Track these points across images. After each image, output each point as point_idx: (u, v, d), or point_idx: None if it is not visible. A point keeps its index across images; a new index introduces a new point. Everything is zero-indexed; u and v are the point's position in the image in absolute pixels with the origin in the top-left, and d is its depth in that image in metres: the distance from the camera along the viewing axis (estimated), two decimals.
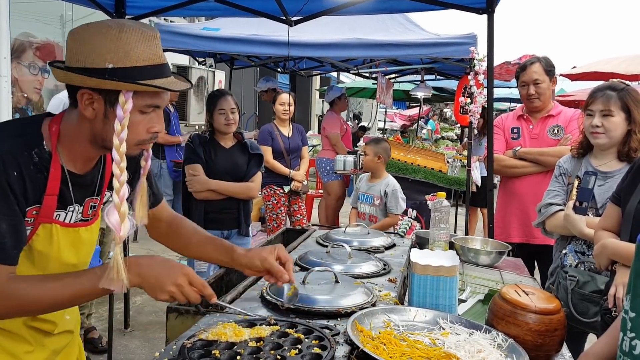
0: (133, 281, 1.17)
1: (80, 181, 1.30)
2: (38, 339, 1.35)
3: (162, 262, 1.24)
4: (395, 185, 3.81)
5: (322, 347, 1.31)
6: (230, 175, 3.01)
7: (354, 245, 2.50)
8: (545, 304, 1.48)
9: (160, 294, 1.19)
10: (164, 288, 1.18)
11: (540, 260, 3.22)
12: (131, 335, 3.66)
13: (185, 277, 1.22)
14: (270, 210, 4.75)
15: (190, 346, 1.34)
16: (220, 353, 1.29)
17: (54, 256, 1.28)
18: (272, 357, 1.26)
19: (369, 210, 3.89)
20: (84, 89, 1.16)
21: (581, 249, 2.23)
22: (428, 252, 1.75)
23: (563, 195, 2.36)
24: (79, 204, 1.31)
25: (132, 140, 1.20)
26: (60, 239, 1.28)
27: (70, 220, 1.30)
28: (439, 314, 1.62)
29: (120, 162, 1.15)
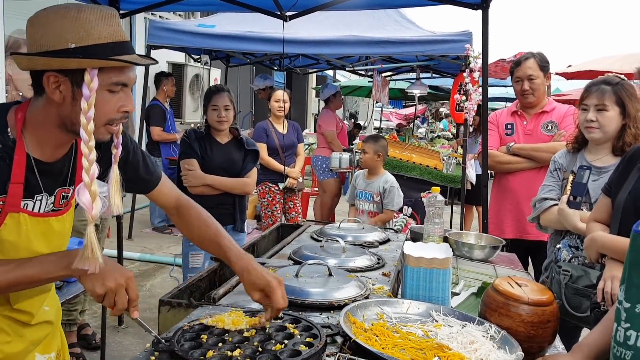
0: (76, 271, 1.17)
1: (49, 169, 1.27)
2: (16, 329, 1.34)
3: (111, 262, 1.24)
4: (394, 182, 3.81)
5: (309, 344, 1.30)
6: (226, 171, 3.00)
7: (349, 240, 2.50)
8: (538, 295, 1.48)
9: (99, 287, 1.17)
10: (104, 282, 1.17)
11: (534, 256, 3.23)
12: (125, 332, 3.64)
13: (126, 281, 1.20)
14: (265, 208, 4.74)
15: (187, 329, 1.34)
16: (207, 338, 1.30)
17: (24, 246, 1.26)
18: (253, 349, 1.26)
19: (368, 207, 3.88)
20: (49, 72, 1.16)
21: (575, 244, 2.23)
22: (421, 245, 1.74)
23: (558, 190, 2.37)
24: (48, 193, 1.29)
25: (101, 120, 1.19)
26: (29, 229, 1.26)
27: (40, 209, 1.28)
28: (432, 306, 1.61)
29: (88, 140, 1.13)
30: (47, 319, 1.45)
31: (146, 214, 6.72)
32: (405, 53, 5.25)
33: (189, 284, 1.86)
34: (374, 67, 6.06)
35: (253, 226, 6.17)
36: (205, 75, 6.08)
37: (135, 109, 1.29)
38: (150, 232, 6.25)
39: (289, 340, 1.32)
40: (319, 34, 4.72)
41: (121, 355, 3.27)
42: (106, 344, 3.08)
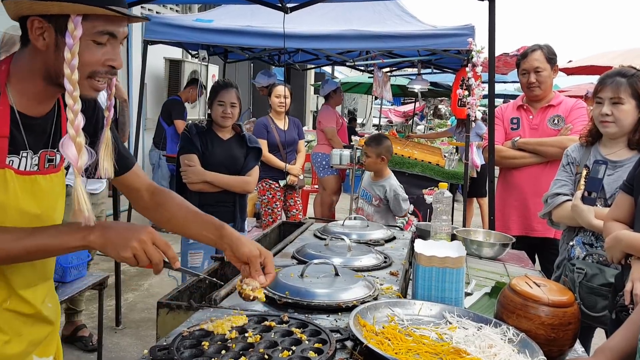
0: (96, 241, 1.13)
1: (33, 125, 1.22)
2: (15, 327, 1.26)
3: (127, 223, 1.22)
4: (397, 187, 3.70)
5: (318, 351, 1.22)
6: (227, 168, 2.91)
7: (353, 238, 2.42)
8: (558, 296, 1.40)
9: (123, 251, 1.12)
10: (127, 244, 1.12)
11: (540, 253, 3.16)
12: (123, 332, 3.56)
13: (149, 235, 1.15)
14: (265, 205, 4.66)
15: (187, 335, 1.26)
16: (209, 345, 1.22)
17: (12, 205, 1.20)
18: (259, 356, 1.18)
19: (367, 209, 3.80)
20: (33, 16, 1.12)
21: (589, 241, 2.15)
22: (433, 243, 1.67)
23: (570, 185, 2.29)
24: (33, 151, 1.23)
25: (85, 71, 1.14)
26: (17, 186, 1.20)
27: (26, 167, 1.22)
28: (445, 307, 1.53)
29: (72, 91, 1.10)
30: (48, 317, 1.37)
31: None
32: (406, 47, 5.16)
33: (189, 285, 1.78)
34: (374, 62, 5.97)
35: (252, 224, 6.09)
36: (203, 72, 5.99)
37: (129, 102, 1.22)
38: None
39: (297, 346, 1.24)
40: (319, 29, 4.63)
41: (119, 357, 3.19)
42: (103, 346, 3.00)
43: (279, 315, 1.44)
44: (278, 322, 1.39)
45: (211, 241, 1.44)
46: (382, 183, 3.71)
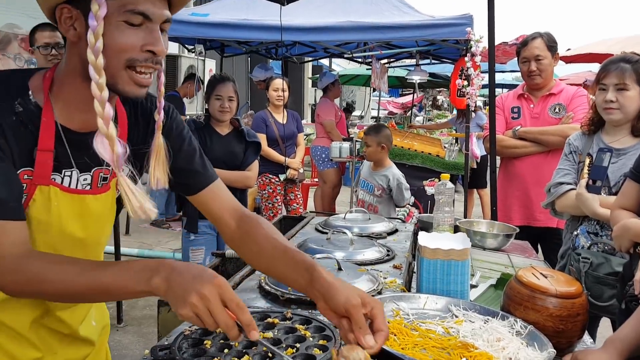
0: (160, 287, 0.90)
1: (80, 140, 1.08)
2: (49, 344, 1.15)
3: (196, 268, 0.93)
4: (400, 177, 3.68)
5: (323, 347, 1.20)
6: (226, 164, 2.88)
7: (355, 232, 2.40)
8: (565, 287, 1.38)
9: (182, 307, 0.87)
10: (185, 298, 0.86)
11: (543, 243, 3.14)
12: (124, 330, 3.54)
13: (215, 289, 0.87)
14: (265, 200, 4.63)
15: (188, 334, 1.24)
16: (212, 344, 1.19)
17: (55, 225, 1.09)
18: (262, 354, 1.15)
19: (368, 199, 3.77)
20: (61, 4, 1.01)
21: (594, 230, 2.13)
22: (437, 235, 1.64)
23: (573, 174, 2.26)
24: (81, 170, 1.11)
25: (120, 59, 0.99)
26: (60, 205, 1.09)
27: (75, 186, 1.12)
28: (451, 300, 1.51)
29: (97, 78, 0.95)
30: (89, 337, 1.25)
31: None
32: (404, 38, 5.11)
33: None
34: (372, 54, 5.93)
35: None
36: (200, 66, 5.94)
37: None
38: (149, 227, 6.14)
39: (301, 343, 1.22)
40: (316, 21, 4.59)
41: (121, 355, 3.17)
42: None
43: (282, 311, 1.41)
44: (281, 318, 1.36)
45: (300, 287, 1.11)
46: (385, 172, 3.68)
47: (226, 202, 1.28)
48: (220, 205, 1.26)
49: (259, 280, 1.69)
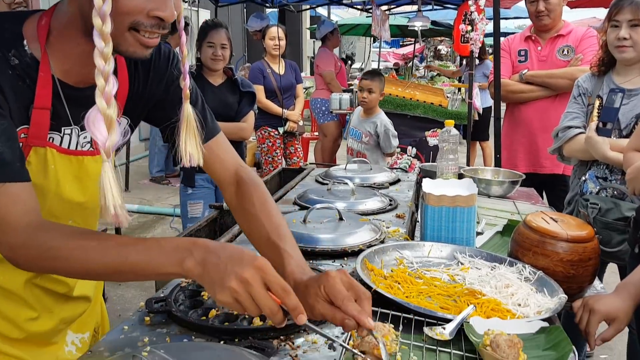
0: (194, 271, 0.82)
1: (79, 96, 0.99)
2: (45, 303, 1.10)
3: (233, 249, 0.84)
4: (387, 123, 3.62)
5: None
6: (220, 115, 2.76)
7: (357, 182, 2.34)
8: (577, 231, 1.32)
9: (220, 293, 0.79)
10: (224, 283, 0.79)
11: (549, 191, 3.09)
12: (127, 285, 3.54)
13: (257, 272, 0.79)
14: (265, 154, 4.56)
15: (185, 286, 1.20)
16: (209, 296, 1.15)
17: (52, 190, 1.02)
18: None
19: (356, 147, 3.71)
20: None
21: (603, 175, 2.06)
22: (442, 182, 1.57)
23: (583, 117, 2.17)
24: (81, 128, 1.02)
25: (124, 21, 0.88)
26: (57, 168, 1.01)
27: (70, 146, 1.03)
28: (456, 247, 1.46)
29: (103, 46, 0.82)
30: (85, 294, 1.20)
31: (143, 164, 6.55)
32: None
33: (188, 233, 1.70)
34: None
35: None
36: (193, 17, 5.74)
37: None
38: (148, 183, 6.10)
39: None
40: None
41: (124, 309, 3.18)
42: (108, 298, 2.98)
43: None
44: None
45: None
46: (373, 119, 3.61)
47: (227, 161, 1.17)
48: (220, 166, 1.16)
49: None
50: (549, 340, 0.99)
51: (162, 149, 5.94)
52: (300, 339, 1.02)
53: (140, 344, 0.99)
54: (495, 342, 0.91)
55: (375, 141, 3.62)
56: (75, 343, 1.17)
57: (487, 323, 1.02)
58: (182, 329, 1.04)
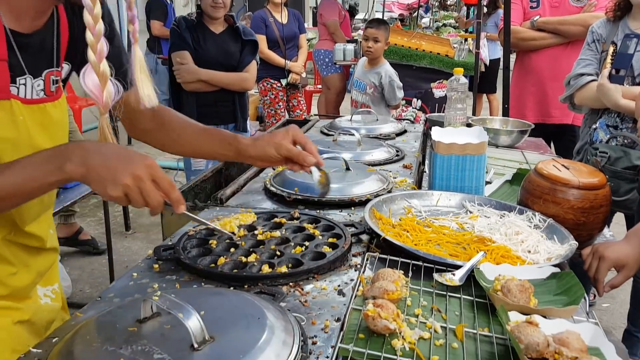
0: (76, 171, 0.85)
1: (29, 43, 0.99)
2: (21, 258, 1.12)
3: (118, 149, 0.90)
4: (392, 74, 3.53)
5: (333, 245, 1.15)
6: (222, 64, 2.72)
7: (363, 133, 2.31)
8: (588, 178, 1.30)
9: (112, 189, 0.84)
10: (117, 179, 0.84)
11: (557, 141, 3.05)
12: (133, 237, 3.58)
13: (147, 170, 0.86)
14: (268, 106, 4.50)
15: (193, 234, 1.19)
16: (217, 244, 1.16)
17: (24, 141, 1.00)
18: (271, 252, 1.11)
19: (361, 99, 3.64)
20: None
21: (614, 123, 2.02)
22: (451, 130, 1.54)
23: (596, 65, 2.11)
24: (33, 75, 1.02)
25: None
26: (26, 119, 1.00)
27: (26, 95, 1.02)
28: (465, 196, 1.45)
29: (92, 7, 0.82)
30: (54, 245, 1.22)
31: None
32: None
33: (193, 185, 1.69)
34: None
35: (256, 128, 5.96)
36: None
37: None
38: None
39: (310, 241, 1.16)
40: None
41: (131, 260, 3.22)
42: (114, 250, 3.01)
43: (289, 211, 1.36)
44: (288, 218, 1.31)
45: (231, 158, 1.24)
46: (378, 70, 3.53)
47: None
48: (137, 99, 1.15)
49: (264, 182, 1.62)
50: (560, 285, 0.98)
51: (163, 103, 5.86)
52: (309, 285, 1.02)
53: (150, 290, 0.99)
54: (506, 287, 0.91)
55: (379, 93, 3.56)
56: (48, 295, 1.18)
57: (497, 269, 1.01)
58: (192, 276, 1.04)
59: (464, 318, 0.91)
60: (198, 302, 0.84)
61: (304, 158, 1.13)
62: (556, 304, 0.94)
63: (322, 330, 0.88)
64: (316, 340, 0.85)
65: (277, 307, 0.88)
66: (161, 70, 5.70)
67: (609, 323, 2.78)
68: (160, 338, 0.75)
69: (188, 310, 0.73)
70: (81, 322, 0.86)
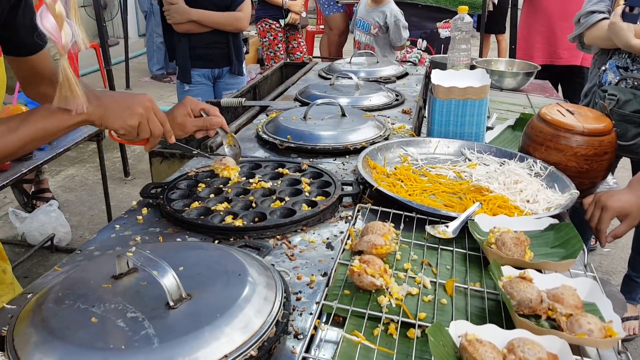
0: (95, 112, 0.96)
1: None
2: None
3: (120, 92, 1.06)
4: (398, 13, 3.37)
5: (325, 194, 1.10)
6: (214, 4, 2.58)
7: (362, 76, 2.22)
8: (593, 123, 1.24)
9: (130, 118, 0.98)
10: (133, 111, 0.99)
11: (565, 83, 2.95)
12: (133, 183, 3.56)
13: (150, 103, 1.02)
14: (267, 48, 4.35)
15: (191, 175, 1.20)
16: (206, 185, 1.15)
17: None
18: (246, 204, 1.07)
19: (364, 40, 3.50)
20: None
21: (624, 64, 1.92)
22: (452, 73, 1.46)
23: (607, 2, 1.98)
24: None
25: None
26: None
27: None
28: (465, 143, 1.39)
29: None
30: None
31: (142, 62, 6.35)
32: None
33: None
34: None
35: (256, 71, 5.82)
36: None
37: None
38: (149, 80, 5.95)
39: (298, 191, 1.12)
40: None
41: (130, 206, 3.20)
42: (113, 196, 3.00)
43: (280, 160, 1.31)
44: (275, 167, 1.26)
45: None
46: (382, 9, 3.37)
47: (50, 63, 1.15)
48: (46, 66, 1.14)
49: (257, 129, 1.56)
50: (558, 237, 0.94)
51: (160, 46, 5.71)
52: (297, 238, 0.99)
53: (133, 243, 0.96)
54: (501, 240, 0.87)
55: (383, 33, 3.42)
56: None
57: (493, 221, 0.97)
58: (176, 228, 1.01)
59: (456, 272, 0.87)
60: (177, 257, 0.80)
61: (210, 122, 1.17)
62: (553, 257, 0.90)
63: (307, 285, 0.85)
64: (301, 296, 0.82)
65: (261, 261, 0.85)
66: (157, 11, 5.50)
67: (609, 268, 2.78)
68: (135, 295, 0.72)
69: (163, 267, 0.70)
70: (57, 276, 0.83)
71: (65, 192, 3.41)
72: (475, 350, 0.63)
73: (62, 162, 3.80)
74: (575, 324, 0.70)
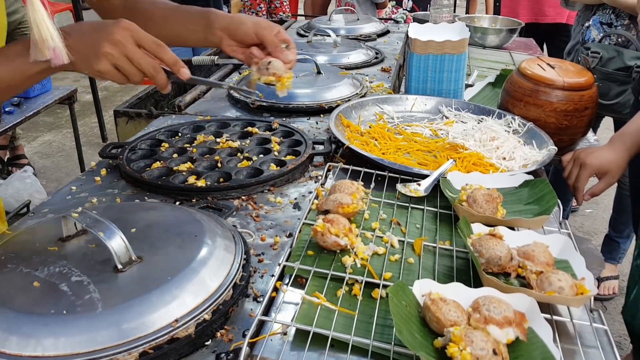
0: None
1: None
2: None
3: (93, 23, 0.79)
4: None
5: (295, 153, 1.06)
6: None
7: (341, 34, 2.15)
8: (574, 77, 1.19)
9: (96, 62, 0.76)
10: (98, 51, 0.75)
11: (550, 41, 2.89)
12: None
13: (125, 31, 0.76)
14: (248, 9, 4.22)
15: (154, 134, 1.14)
16: (169, 146, 1.09)
17: None
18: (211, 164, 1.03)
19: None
20: None
21: (608, 20, 1.87)
22: (430, 27, 1.40)
23: None
24: None
25: None
26: None
27: None
28: (442, 100, 1.34)
29: None
30: None
31: None
32: None
33: (151, 92, 1.57)
34: None
35: None
36: None
37: None
38: None
39: (267, 150, 1.08)
40: None
41: None
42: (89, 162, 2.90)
43: (249, 119, 1.26)
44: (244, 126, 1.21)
45: (199, 35, 1.00)
46: None
47: None
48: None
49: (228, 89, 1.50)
50: (532, 194, 0.91)
51: None
52: (263, 199, 0.94)
53: (89, 205, 0.91)
54: (472, 197, 0.83)
55: None
56: None
57: (466, 178, 0.93)
58: (136, 189, 0.96)
59: (425, 231, 0.84)
60: (130, 218, 0.76)
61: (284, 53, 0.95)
62: (526, 214, 0.87)
63: (271, 247, 0.81)
64: (263, 258, 0.78)
65: (221, 222, 0.81)
66: None
67: (591, 228, 2.79)
68: (82, 258, 0.68)
69: (110, 229, 0.66)
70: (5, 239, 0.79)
71: (42, 159, 3.33)
72: (439, 309, 0.60)
73: (39, 128, 3.70)
74: (546, 282, 0.67)
